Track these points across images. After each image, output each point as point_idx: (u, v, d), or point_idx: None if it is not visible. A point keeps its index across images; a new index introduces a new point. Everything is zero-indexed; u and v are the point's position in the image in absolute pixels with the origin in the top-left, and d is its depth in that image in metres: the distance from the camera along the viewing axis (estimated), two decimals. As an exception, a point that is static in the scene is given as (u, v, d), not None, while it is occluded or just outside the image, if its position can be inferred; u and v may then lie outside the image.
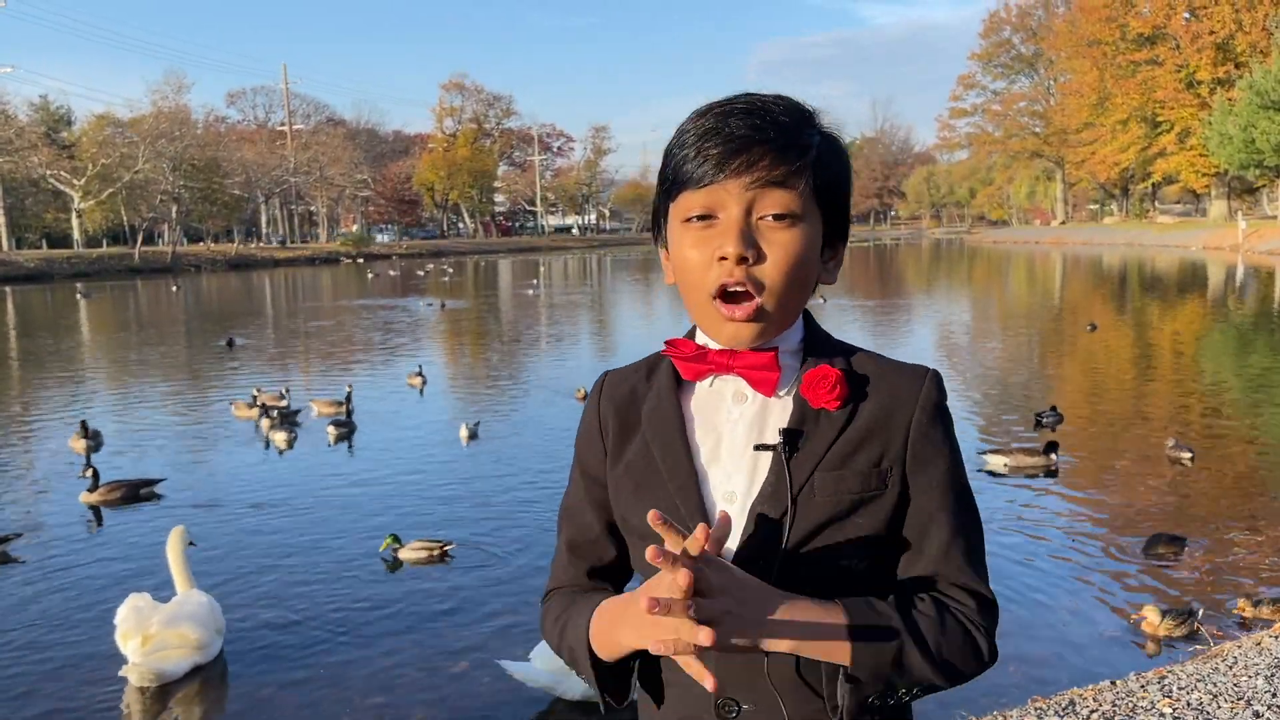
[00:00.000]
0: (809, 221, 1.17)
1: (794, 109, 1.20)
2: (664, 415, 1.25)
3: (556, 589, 1.37)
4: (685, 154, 1.17)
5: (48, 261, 51.42)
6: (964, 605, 1.20)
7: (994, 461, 8.62)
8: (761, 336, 1.19)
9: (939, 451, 1.21)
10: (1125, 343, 18.32)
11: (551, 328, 23.51)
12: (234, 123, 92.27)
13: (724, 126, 1.15)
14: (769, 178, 1.14)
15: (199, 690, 5.01)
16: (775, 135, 1.15)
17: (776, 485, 1.18)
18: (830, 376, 1.20)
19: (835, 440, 1.19)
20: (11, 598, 6.22)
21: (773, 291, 1.16)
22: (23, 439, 11.30)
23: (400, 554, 6.69)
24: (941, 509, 1.21)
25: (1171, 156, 67.26)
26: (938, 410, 1.22)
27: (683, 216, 1.19)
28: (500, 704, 4.73)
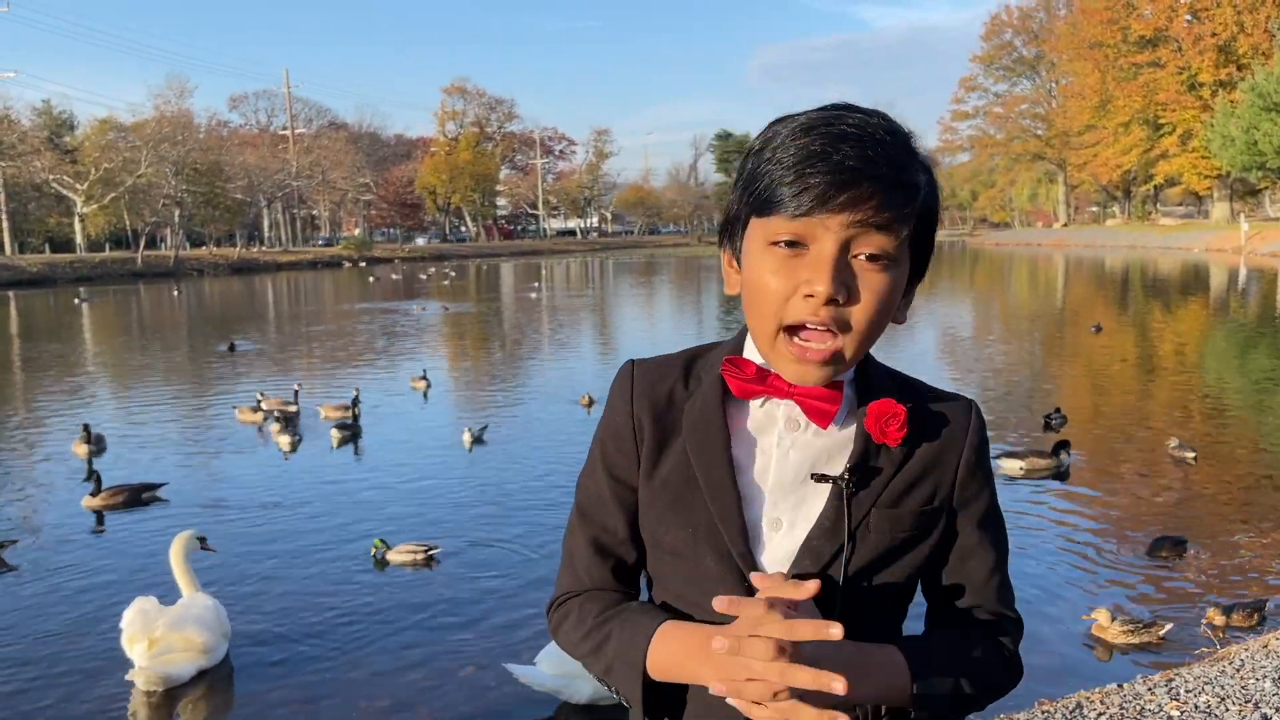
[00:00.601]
0: (900, 264, 1.12)
1: (901, 138, 1.12)
2: (709, 430, 1.20)
3: (578, 592, 1.29)
4: (784, 175, 1.07)
5: (50, 266, 51.49)
6: (1003, 631, 1.25)
7: (1009, 466, 8.62)
8: (829, 379, 1.15)
9: (983, 487, 1.25)
10: (1129, 345, 18.30)
11: (555, 331, 23.52)
12: (236, 127, 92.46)
13: (834, 152, 1.06)
14: (875, 219, 1.07)
15: (205, 694, 5.02)
16: (888, 171, 1.07)
17: (835, 520, 1.16)
18: (900, 415, 1.17)
19: (894, 477, 1.19)
20: (15, 602, 6.23)
21: (857, 335, 1.11)
22: (25, 444, 11.31)
23: (388, 556, 6.72)
24: (983, 544, 1.25)
25: (1174, 159, 67.27)
26: (983, 444, 1.25)
27: (769, 239, 1.10)
28: (506, 708, 4.73)
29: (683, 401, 1.22)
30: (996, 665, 1.22)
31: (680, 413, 1.22)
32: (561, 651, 3.91)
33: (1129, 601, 5.87)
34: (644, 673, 1.15)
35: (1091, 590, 6.07)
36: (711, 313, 27.47)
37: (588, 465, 1.29)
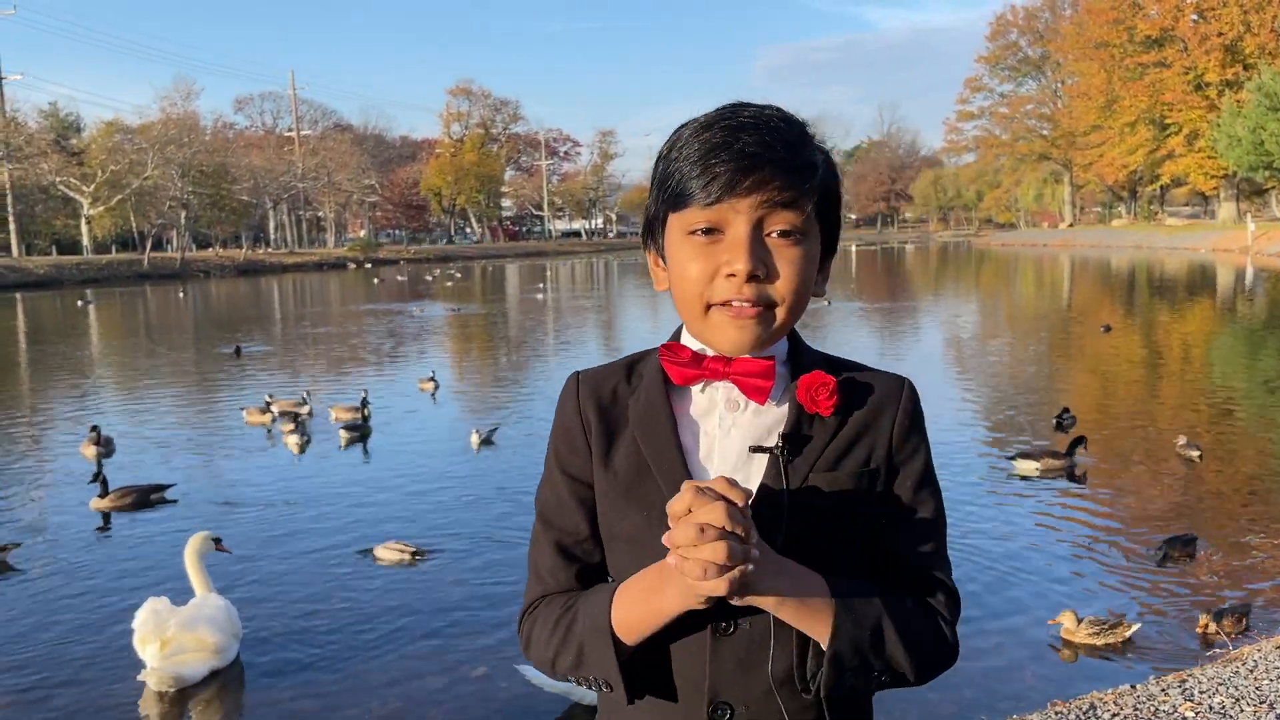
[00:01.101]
0: (812, 238, 1.21)
1: (796, 124, 1.22)
2: (655, 417, 1.26)
3: (542, 596, 1.32)
4: (691, 169, 1.17)
5: (57, 268, 51.59)
6: (935, 597, 1.27)
7: (1024, 466, 8.61)
8: (764, 344, 1.22)
9: (918, 451, 1.28)
10: (1138, 345, 18.27)
11: (561, 333, 23.54)
12: (242, 129, 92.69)
13: (734, 142, 1.15)
14: (780, 198, 1.16)
15: (217, 695, 5.03)
16: (785, 153, 1.16)
17: (773, 487, 1.21)
18: (829, 384, 1.24)
19: (829, 444, 1.24)
20: (25, 603, 6.24)
21: (784, 306, 1.20)
22: (33, 446, 11.34)
23: (376, 551, 6.82)
24: (918, 507, 1.27)
25: (1180, 159, 67.12)
26: (916, 413, 1.29)
27: (686, 229, 1.19)
28: (518, 709, 4.73)
29: (626, 396, 1.29)
30: (929, 630, 1.24)
31: (625, 407, 1.28)
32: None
33: (1145, 606, 5.85)
34: (612, 634, 1.19)
35: (1104, 591, 6.05)
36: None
37: (544, 475, 1.34)
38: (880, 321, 23.47)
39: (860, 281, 39.16)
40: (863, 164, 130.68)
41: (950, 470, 8.89)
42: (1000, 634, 5.35)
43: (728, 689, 1.22)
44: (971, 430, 10.86)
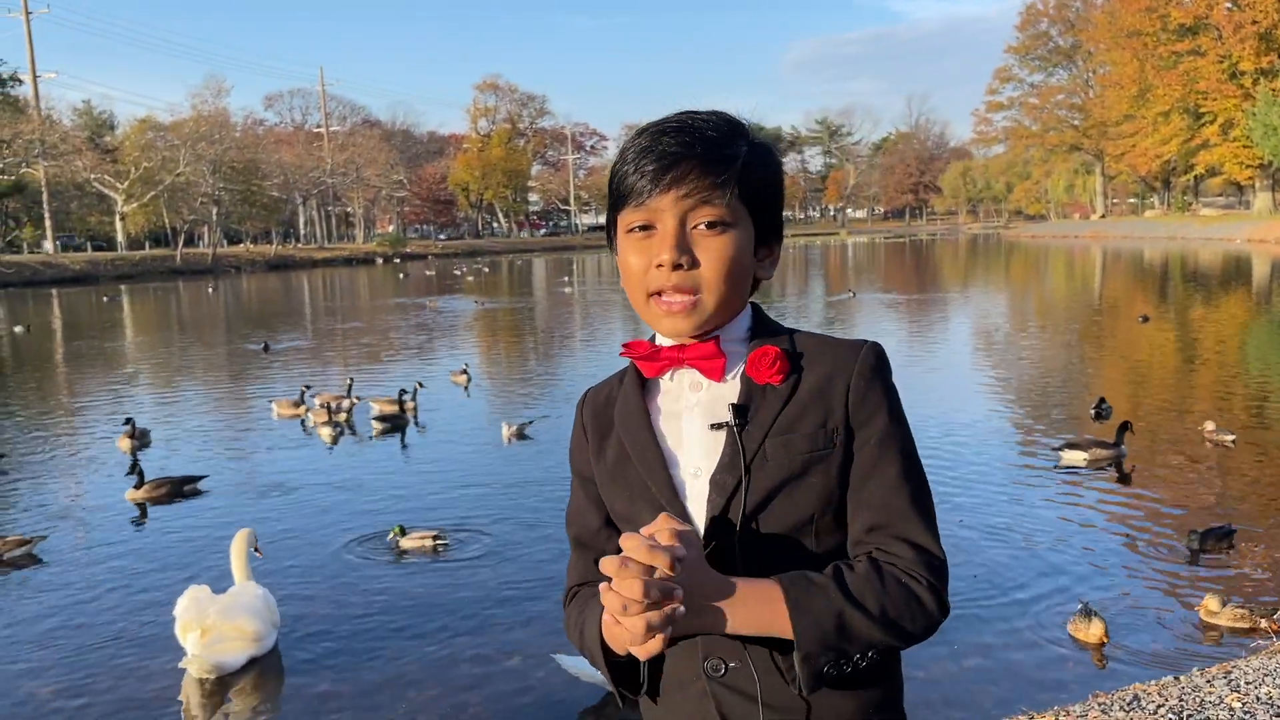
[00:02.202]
0: (740, 226, 1.29)
1: (724, 124, 1.30)
2: (630, 410, 1.37)
3: (574, 588, 1.48)
4: (625, 170, 1.28)
5: (93, 264, 52.30)
6: (901, 558, 1.25)
7: (1072, 457, 8.54)
8: (700, 327, 1.30)
9: (877, 411, 1.29)
10: (1172, 336, 18.03)
11: (591, 325, 23.56)
12: (272, 125, 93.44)
13: (656, 145, 1.26)
14: (698, 190, 1.25)
15: (256, 682, 5.07)
16: (702, 150, 1.26)
17: (732, 456, 1.28)
18: (770, 354, 1.30)
19: (781, 410, 1.29)
20: (64, 592, 6.32)
21: (709, 289, 1.28)
22: (71, 439, 11.49)
23: (402, 543, 6.86)
24: (880, 463, 1.28)
25: (1214, 148, 66.09)
26: (874, 373, 1.30)
27: (626, 228, 1.31)
28: (554, 697, 4.73)
29: (615, 398, 1.42)
30: (897, 598, 1.22)
31: (614, 408, 1.41)
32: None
33: (1183, 599, 5.77)
34: (602, 645, 1.27)
35: (1143, 583, 5.98)
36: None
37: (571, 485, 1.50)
38: (909, 313, 23.30)
39: (888, 274, 38.90)
40: (891, 156, 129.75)
41: (984, 460, 8.82)
42: (1036, 626, 5.29)
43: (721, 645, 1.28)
44: (1005, 421, 10.76)
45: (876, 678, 1.29)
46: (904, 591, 1.23)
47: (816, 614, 1.19)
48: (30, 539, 7.09)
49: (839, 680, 1.23)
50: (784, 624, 1.19)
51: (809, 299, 28.72)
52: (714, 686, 1.28)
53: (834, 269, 46.03)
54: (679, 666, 1.31)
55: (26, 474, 9.68)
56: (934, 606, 1.24)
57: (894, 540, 1.27)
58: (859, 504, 1.29)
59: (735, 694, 1.28)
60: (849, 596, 1.20)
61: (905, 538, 1.27)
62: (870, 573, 1.23)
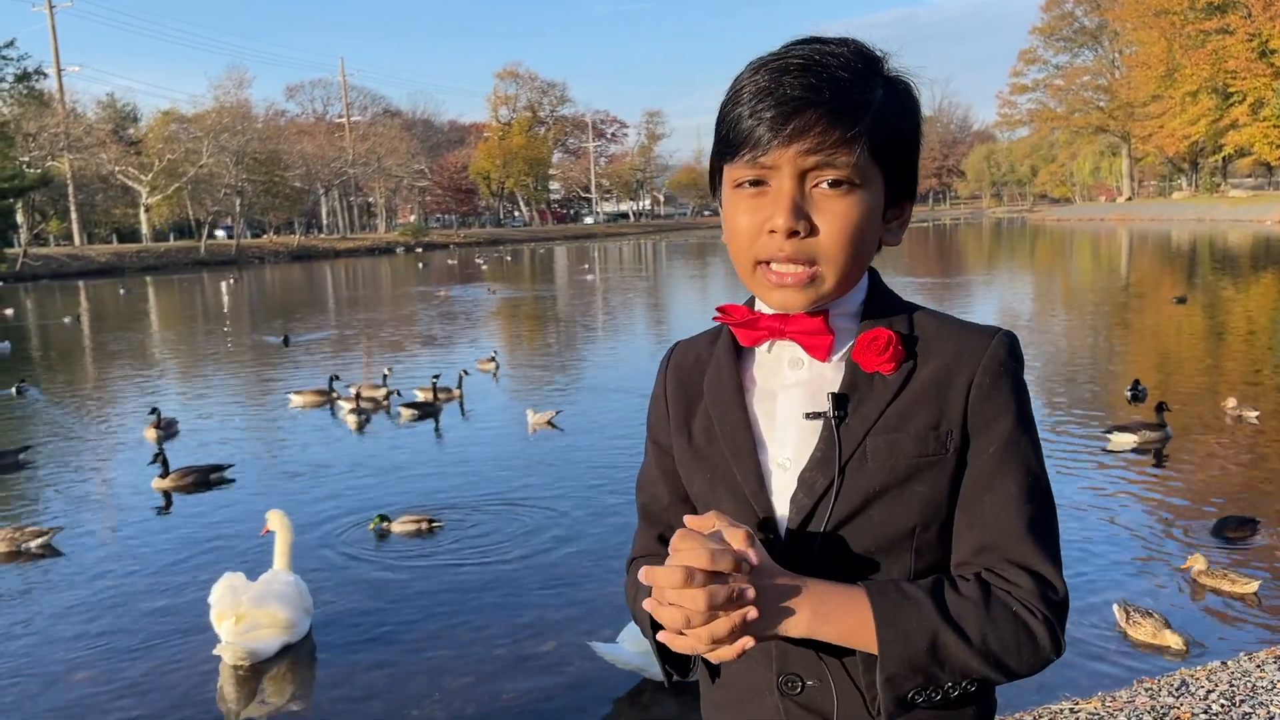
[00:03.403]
0: (868, 186, 1.10)
1: (856, 59, 1.10)
2: (722, 382, 1.23)
3: (636, 558, 1.37)
4: (739, 113, 1.09)
5: (118, 256, 52.76)
6: (1017, 586, 1.09)
7: (1121, 440, 8.45)
8: (814, 303, 1.13)
9: (1002, 414, 1.12)
10: (1204, 317, 17.78)
11: (614, 313, 23.51)
12: (293, 116, 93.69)
13: (778, 87, 1.07)
14: (823, 144, 1.06)
15: (289, 669, 5.07)
16: (831, 95, 1.06)
17: (825, 453, 1.13)
18: (881, 338, 1.14)
19: (889, 404, 1.13)
20: (93, 582, 6.34)
21: (829, 261, 1.10)
22: (99, 429, 11.56)
23: (392, 528, 6.93)
24: (999, 475, 1.11)
25: (1244, 128, 65.14)
26: (1003, 370, 1.13)
27: (734, 182, 1.13)
28: (588, 684, 4.70)
29: (706, 362, 1.26)
30: (1004, 628, 1.06)
31: (703, 374, 1.26)
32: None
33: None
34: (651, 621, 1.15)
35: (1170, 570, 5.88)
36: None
37: (645, 443, 1.38)
38: (934, 298, 23.10)
39: (912, 258, 38.60)
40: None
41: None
42: (1079, 611, 5.21)
43: (798, 660, 1.16)
44: (1040, 404, 10.64)
45: (969, 700, 1.14)
46: (1014, 623, 1.07)
47: (907, 631, 1.05)
48: (48, 530, 7.09)
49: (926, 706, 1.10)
50: (868, 637, 1.06)
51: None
52: (787, 704, 1.16)
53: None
54: (750, 674, 1.19)
55: (57, 464, 9.74)
56: (1047, 644, 1.08)
57: (1008, 565, 1.10)
58: (970, 521, 1.12)
59: (811, 714, 1.15)
60: (947, 617, 1.06)
61: (1022, 564, 1.10)
62: (977, 595, 1.08)
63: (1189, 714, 3.47)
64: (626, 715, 4.49)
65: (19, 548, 6.88)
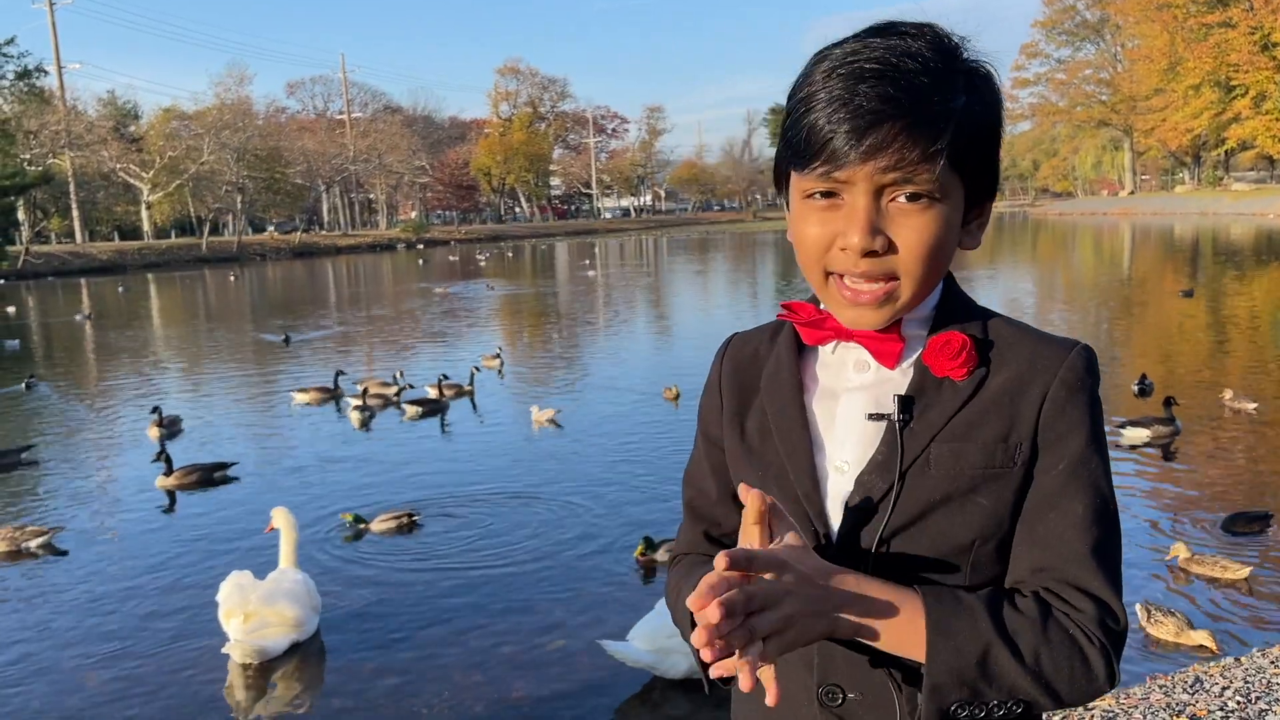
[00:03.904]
0: (948, 198, 1.05)
1: (935, 57, 1.03)
2: (782, 380, 1.19)
3: (681, 554, 1.33)
4: (812, 121, 1.02)
5: (120, 253, 52.76)
6: (1077, 610, 1.04)
7: (1133, 435, 8.44)
8: (891, 320, 1.09)
9: (1074, 430, 1.07)
10: (1207, 311, 17.75)
11: (618, 309, 23.49)
12: (294, 113, 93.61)
13: (853, 96, 1.00)
14: (902, 161, 1.00)
15: (298, 667, 5.06)
16: (911, 105, 0.99)
17: (887, 456, 1.09)
18: (955, 342, 1.09)
19: (958, 411, 1.08)
20: (100, 581, 6.32)
21: (907, 278, 1.06)
22: (103, 426, 11.55)
23: (371, 527, 6.94)
24: (1066, 494, 1.06)
25: (1246, 122, 65.05)
26: (1080, 384, 1.08)
27: (804, 193, 1.07)
28: (598, 682, 4.69)
29: (765, 358, 1.23)
30: (1060, 651, 1.01)
31: (761, 369, 1.23)
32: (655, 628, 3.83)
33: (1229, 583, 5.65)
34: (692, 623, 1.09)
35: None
36: (767, 289, 27.24)
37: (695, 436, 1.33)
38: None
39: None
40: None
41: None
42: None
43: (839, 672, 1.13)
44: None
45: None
46: (1069, 647, 1.02)
47: (959, 641, 1.00)
48: (48, 530, 7.06)
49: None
50: (917, 643, 1.01)
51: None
52: (826, 715, 1.12)
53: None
54: (790, 682, 1.13)
55: (61, 461, 9.73)
56: (1102, 674, 1.02)
57: (1069, 588, 1.05)
58: (1031, 539, 1.07)
59: None
60: (1002, 631, 1.01)
61: (1083, 588, 1.05)
62: (1035, 613, 1.03)
63: (1205, 711, 3.45)
64: (637, 713, 4.47)
65: (19, 547, 6.85)
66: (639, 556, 6.07)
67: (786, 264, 37.34)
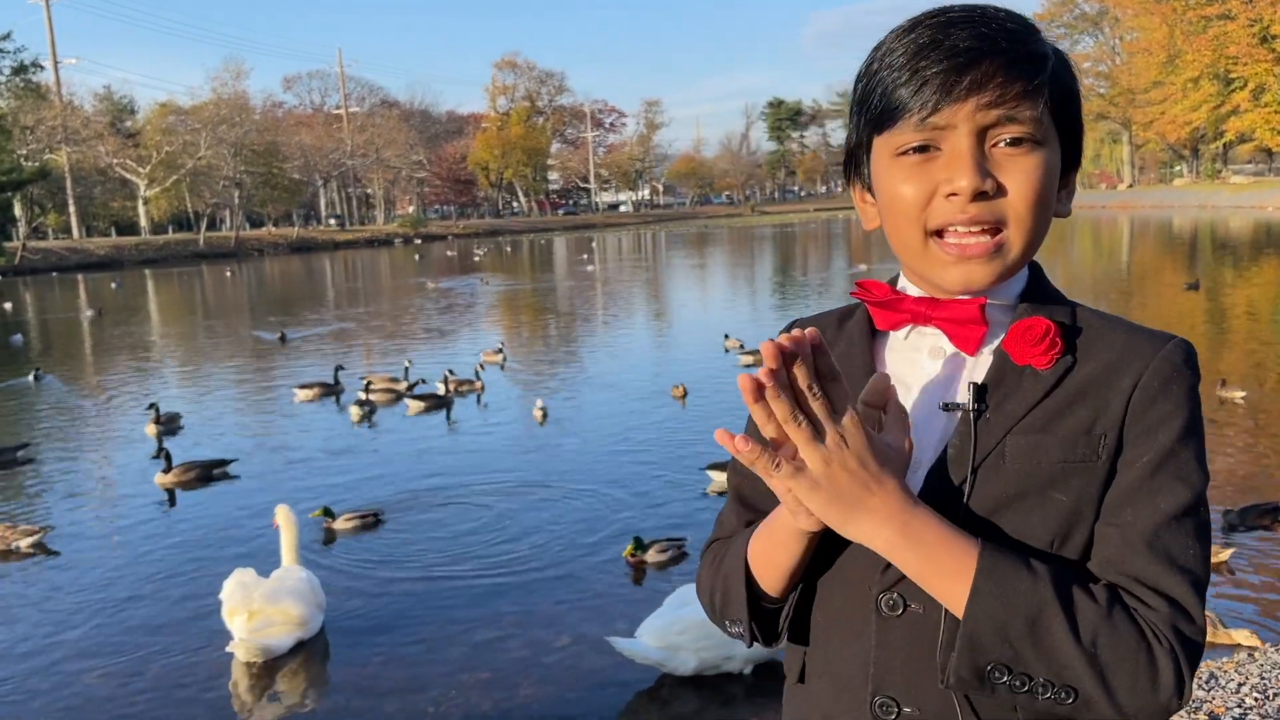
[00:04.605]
0: (1050, 146, 1.01)
1: (1019, 17, 1.03)
2: (854, 366, 1.10)
3: (716, 540, 1.25)
4: (896, 77, 0.99)
5: (117, 249, 52.64)
6: (1149, 609, 0.95)
7: None
8: (1002, 278, 1.02)
9: (1167, 422, 0.99)
10: (1206, 304, 17.72)
11: (617, 304, 23.45)
12: (291, 107, 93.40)
13: (944, 39, 0.97)
14: (1005, 97, 0.97)
15: (303, 665, 5.02)
16: (1008, 45, 0.97)
17: (960, 448, 1.02)
18: (1038, 328, 1.02)
19: (1039, 402, 1.01)
20: (102, 580, 6.28)
21: (1018, 225, 1.00)
22: (104, 421, 11.51)
23: (334, 526, 6.86)
24: (1151, 490, 0.98)
25: (1245, 114, 64.97)
26: (1176, 375, 1.01)
27: (896, 150, 1.01)
28: (605, 679, 4.66)
29: (833, 343, 1.13)
30: (1124, 642, 0.92)
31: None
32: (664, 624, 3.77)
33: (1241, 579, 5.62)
34: (745, 570, 1.09)
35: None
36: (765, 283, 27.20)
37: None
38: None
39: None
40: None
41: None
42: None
43: (896, 684, 1.04)
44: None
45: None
46: (1136, 641, 0.93)
47: (1011, 593, 0.93)
48: (39, 529, 6.97)
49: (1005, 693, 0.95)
50: (958, 588, 0.94)
51: (831, 273, 28.45)
52: None
53: (857, 242, 45.62)
54: (840, 691, 1.08)
55: (61, 457, 9.69)
56: (1170, 683, 0.92)
57: (1142, 586, 0.96)
58: (1108, 534, 0.99)
59: None
60: (1064, 599, 0.93)
61: (1159, 587, 0.96)
62: (1105, 598, 0.95)
63: (1222, 708, 3.42)
64: (646, 711, 4.44)
65: (10, 546, 6.76)
66: (628, 556, 5.95)
67: (785, 260, 37.30)
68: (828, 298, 21.63)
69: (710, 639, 4.35)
